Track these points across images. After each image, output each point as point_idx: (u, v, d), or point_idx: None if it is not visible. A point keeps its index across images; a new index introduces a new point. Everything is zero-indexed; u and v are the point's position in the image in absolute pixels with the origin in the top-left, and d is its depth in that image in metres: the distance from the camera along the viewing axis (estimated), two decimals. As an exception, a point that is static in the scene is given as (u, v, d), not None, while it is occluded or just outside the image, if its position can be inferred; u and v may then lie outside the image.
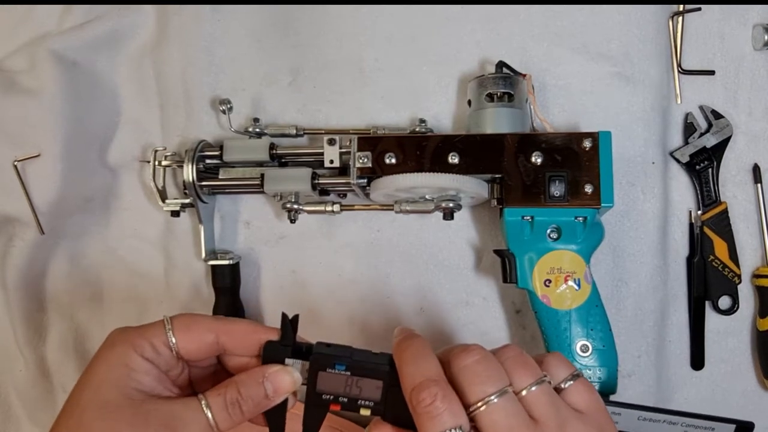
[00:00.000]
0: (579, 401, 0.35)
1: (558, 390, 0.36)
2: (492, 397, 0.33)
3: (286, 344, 0.37)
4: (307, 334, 0.56)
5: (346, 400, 0.36)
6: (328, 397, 0.36)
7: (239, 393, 0.35)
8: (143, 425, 0.32)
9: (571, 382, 0.36)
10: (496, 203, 0.50)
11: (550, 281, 0.48)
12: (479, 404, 0.33)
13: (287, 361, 0.37)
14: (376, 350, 0.37)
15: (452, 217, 0.50)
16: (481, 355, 0.34)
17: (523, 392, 0.34)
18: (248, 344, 0.37)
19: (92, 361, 0.35)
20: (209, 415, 0.34)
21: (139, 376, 0.34)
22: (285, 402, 0.37)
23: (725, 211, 0.55)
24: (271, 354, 0.37)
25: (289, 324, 0.37)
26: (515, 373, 0.34)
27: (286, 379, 0.36)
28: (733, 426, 0.39)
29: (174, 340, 0.36)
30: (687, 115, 0.55)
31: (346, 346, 0.37)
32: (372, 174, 0.49)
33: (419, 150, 0.49)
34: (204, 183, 0.53)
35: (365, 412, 0.36)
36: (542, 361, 0.36)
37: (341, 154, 0.51)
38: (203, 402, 0.34)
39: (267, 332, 0.38)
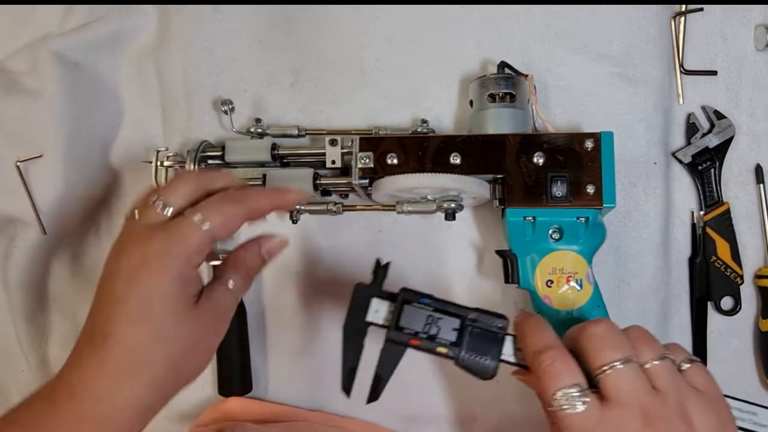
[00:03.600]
0: (698, 382, 0.37)
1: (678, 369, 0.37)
2: (617, 363, 0.35)
3: (375, 286, 0.40)
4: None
5: (425, 336, 0.39)
6: (409, 331, 0.39)
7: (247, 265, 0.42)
8: (198, 320, 0.37)
9: (689, 365, 0.38)
10: (497, 204, 0.50)
11: (552, 282, 0.48)
12: (604, 368, 0.35)
13: (374, 300, 0.40)
14: None
15: (454, 218, 0.50)
16: (609, 325, 0.37)
17: (646, 365, 0.36)
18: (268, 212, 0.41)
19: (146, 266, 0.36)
20: (231, 283, 0.40)
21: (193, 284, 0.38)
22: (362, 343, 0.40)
23: (727, 212, 0.55)
24: (361, 293, 0.40)
25: (381, 268, 0.40)
26: (639, 348, 0.37)
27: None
28: None
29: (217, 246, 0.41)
30: (689, 116, 0.55)
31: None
32: (374, 174, 0.49)
33: (421, 150, 0.49)
34: (206, 183, 0.53)
35: (441, 349, 0.39)
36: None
37: (343, 154, 0.51)
38: (230, 283, 0.40)
39: (285, 198, 0.42)
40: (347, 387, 0.40)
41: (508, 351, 0.39)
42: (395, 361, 0.39)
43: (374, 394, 0.39)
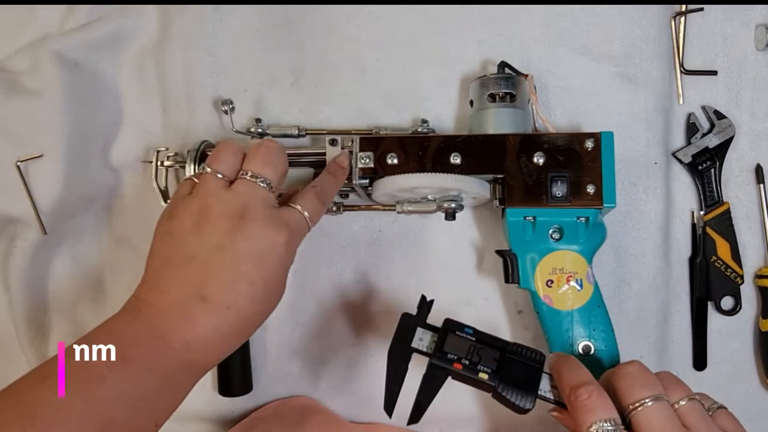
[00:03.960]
0: (727, 425, 0.38)
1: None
2: (647, 400, 0.37)
3: (420, 317, 0.42)
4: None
5: (467, 362, 0.40)
6: (453, 356, 0.40)
7: (314, 191, 0.45)
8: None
9: (718, 410, 0.39)
10: (498, 203, 0.50)
11: (552, 282, 0.48)
12: (636, 404, 0.37)
13: (418, 329, 0.42)
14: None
15: (454, 218, 0.50)
16: (641, 366, 0.40)
17: (676, 405, 0.38)
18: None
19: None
20: (306, 213, 0.43)
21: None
22: (405, 372, 0.42)
23: (728, 212, 0.55)
24: (406, 322, 0.42)
25: (427, 304, 0.43)
26: (669, 389, 0.39)
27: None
28: None
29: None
30: (689, 116, 0.55)
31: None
32: (374, 174, 0.49)
33: (421, 150, 0.49)
34: (206, 183, 0.53)
35: (483, 375, 0.40)
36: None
37: (343, 154, 0.51)
38: (298, 207, 0.43)
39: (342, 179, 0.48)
40: (389, 409, 0.41)
41: (544, 387, 0.41)
42: (437, 387, 0.41)
43: (415, 418, 0.41)
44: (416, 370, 0.42)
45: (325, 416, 0.53)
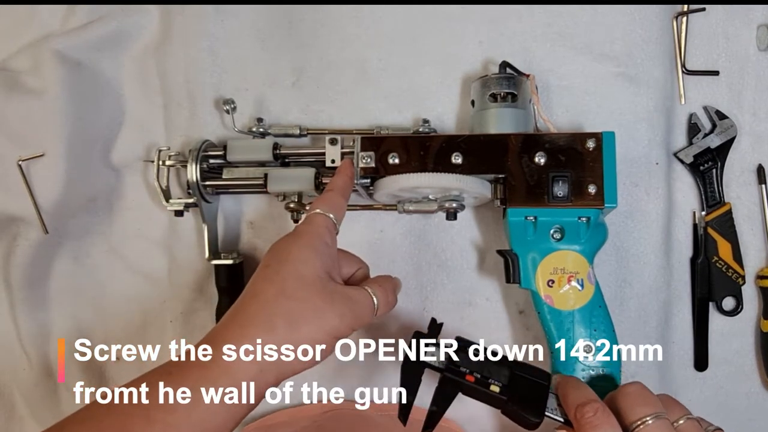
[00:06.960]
0: None
1: None
2: (648, 418, 0.38)
3: (431, 335, 0.44)
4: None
5: (479, 375, 0.41)
6: (465, 369, 0.41)
7: (393, 285, 0.46)
8: (330, 298, 0.40)
9: (715, 431, 0.40)
10: (499, 203, 0.50)
11: (553, 281, 0.48)
12: (638, 422, 0.38)
13: (430, 347, 0.43)
14: None
15: (455, 218, 0.50)
16: (642, 386, 0.41)
17: (675, 423, 0.39)
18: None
19: (287, 242, 0.42)
20: (375, 300, 0.43)
21: (324, 259, 0.42)
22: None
23: (729, 212, 0.55)
24: (418, 338, 0.43)
25: (437, 325, 0.45)
26: (669, 408, 0.39)
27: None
28: None
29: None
30: (691, 116, 0.55)
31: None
32: (375, 174, 0.49)
33: (423, 150, 0.49)
34: (207, 183, 0.53)
35: (495, 388, 0.41)
36: None
37: (343, 153, 0.51)
38: (369, 290, 0.43)
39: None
40: (404, 418, 0.42)
41: (551, 406, 0.42)
42: (449, 399, 0.42)
43: (428, 428, 0.42)
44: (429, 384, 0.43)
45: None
